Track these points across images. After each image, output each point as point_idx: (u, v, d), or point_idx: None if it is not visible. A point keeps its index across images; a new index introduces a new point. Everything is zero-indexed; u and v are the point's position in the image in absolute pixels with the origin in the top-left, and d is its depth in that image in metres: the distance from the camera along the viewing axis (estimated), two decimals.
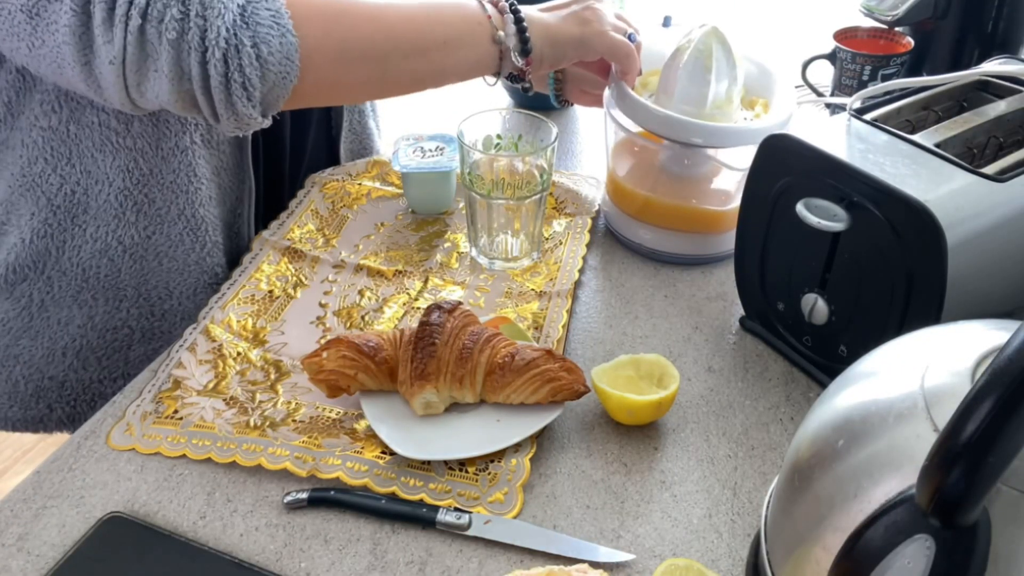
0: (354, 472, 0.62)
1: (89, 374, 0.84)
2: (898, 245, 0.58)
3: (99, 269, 0.79)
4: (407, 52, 0.71)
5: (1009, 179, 0.60)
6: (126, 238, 0.79)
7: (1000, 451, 0.32)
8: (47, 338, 0.82)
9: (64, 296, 0.80)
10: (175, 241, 0.80)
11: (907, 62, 0.98)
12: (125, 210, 0.77)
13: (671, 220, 0.84)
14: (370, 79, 0.72)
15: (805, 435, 0.46)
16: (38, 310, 0.81)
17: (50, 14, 0.60)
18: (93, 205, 0.77)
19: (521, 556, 0.57)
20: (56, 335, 0.82)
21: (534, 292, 0.79)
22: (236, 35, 0.61)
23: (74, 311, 0.81)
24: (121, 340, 0.83)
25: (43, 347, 0.82)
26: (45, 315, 0.81)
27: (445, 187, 0.90)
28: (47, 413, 0.85)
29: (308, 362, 0.66)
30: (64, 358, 0.83)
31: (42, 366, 0.83)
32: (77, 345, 0.82)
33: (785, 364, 0.73)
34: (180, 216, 0.80)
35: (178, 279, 0.82)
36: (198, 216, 0.80)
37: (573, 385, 0.64)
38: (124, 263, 0.80)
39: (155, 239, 0.80)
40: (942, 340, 0.43)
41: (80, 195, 0.76)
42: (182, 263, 0.82)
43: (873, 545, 0.37)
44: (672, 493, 0.62)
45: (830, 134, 0.65)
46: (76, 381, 0.84)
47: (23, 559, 0.57)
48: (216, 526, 0.59)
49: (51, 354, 0.82)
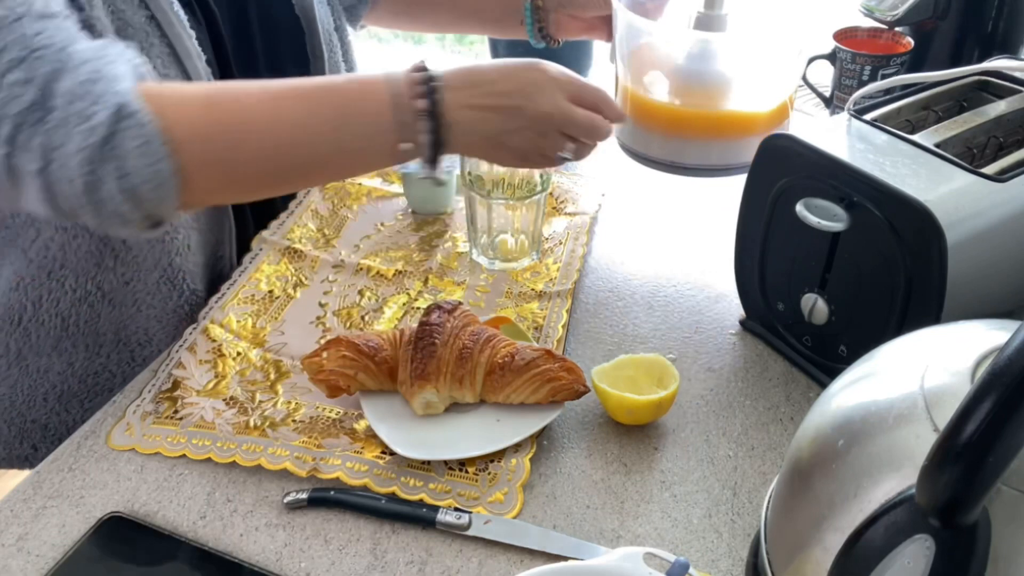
0: (354, 472, 0.62)
1: (72, 416, 0.82)
2: (898, 245, 0.58)
3: (78, 316, 0.78)
4: (306, 163, 0.66)
5: (1009, 179, 0.60)
6: (105, 284, 0.77)
7: (1000, 451, 0.32)
8: (27, 385, 0.80)
9: (43, 345, 0.78)
10: (152, 290, 0.78)
11: (907, 62, 0.98)
12: (104, 257, 0.75)
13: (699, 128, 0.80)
14: (268, 187, 0.69)
15: (805, 435, 0.46)
16: (16, 359, 0.79)
17: None
18: (72, 259, 0.75)
19: (521, 556, 0.57)
20: (36, 382, 0.80)
21: (534, 292, 0.79)
22: (94, 172, 0.57)
23: (53, 359, 0.79)
24: (102, 384, 0.81)
25: (23, 394, 0.80)
26: (24, 364, 0.79)
27: (445, 187, 0.90)
28: (32, 452, 0.84)
29: (308, 362, 0.66)
30: (46, 403, 0.81)
31: (23, 410, 0.81)
32: (58, 391, 0.81)
33: (785, 364, 0.73)
34: (156, 266, 0.77)
35: (156, 326, 0.80)
36: (174, 265, 0.78)
37: (573, 385, 0.64)
38: (103, 309, 0.78)
39: (133, 285, 0.78)
40: (942, 340, 0.43)
41: (55, 250, 0.74)
42: (160, 311, 0.80)
43: (873, 545, 0.37)
44: (672, 493, 0.62)
45: (830, 134, 0.65)
46: (59, 423, 0.82)
47: (23, 559, 0.57)
48: (216, 526, 0.59)
49: (31, 399, 0.81)
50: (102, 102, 0.57)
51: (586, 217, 0.90)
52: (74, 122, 0.57)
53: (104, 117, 0.57)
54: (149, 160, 0.58)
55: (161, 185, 0.59)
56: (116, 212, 0.60)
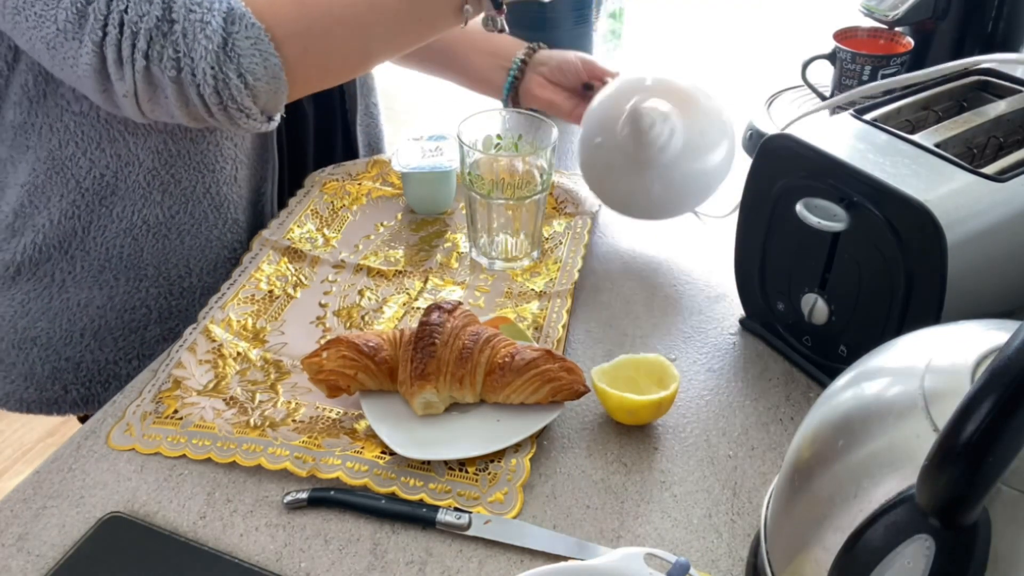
0: (354, 472, 0.62)
1: (105, 355, 0.85)
2: (898, 245, 0.58)
3: (122, 249, 0.81)
4: (385, 39, 0.75)
5: (1009, 179, 0.60)
6: (151, 217, 0.81)
7: (1000, 451, 0.32)
8: (66, 319, 0.83)
9: (85, 276, 0.82)
10: (199, 219, 0.83)
11: (907, 62, 0.98)
12: (152, 190, 0.80)
13: None
14: (355, 67, 0.79)
15: (805, 435, 0.46)
16: (59, 291, 0.82)
17: (67, 51, 0.65)
18: (122, 187, 0.79)
19: (521, 556, 0.57)
20: (75, 316, 0.83)
21: (534, 292, 0.79)
22: (221, 70, 0.66)
23: (94, 292, 0.82)
24: (139, 320, 0.85)
25: (61, 328, 0.83)
26: (65, 296, 0.82)
27: (445, 187, 0.90)
28: (62, 395, 0.86)
29: (308, 362, 0.66)
30: (82, 339, 0.84)
31: (59, 347, 0.84)
32: (95, 325, 0.83)
33: (785, 364, 0.73)
34: (205, 195, 0.82)
35: (199, 256, 0.84)
36: (222, 194, 0.83)
37: (573, 385, 0.64)
38: (147, 242, 0.82)
39: (179, 218, 0.82)
40: (942, 340, 0.43)
41: (109, 178, 0.78)
42: (204, 240, 0.84)
43: (873, 545, 0.37)
44: (672, 493, 0.62)
45: (830, 134, 0.65)
46: (92, 362, 0.85)
47: (23, 559, 0.57)
48: (216, 526, 0.59)
49: (69, 335, 0.83)
50: (214, 9, 0.66)
51: (586, 217, 0.90)
52: (195, 30, 0.65)
53: (219, 23, 0.66)
54: (262, 57, 0.67)
55: (275, 78, 0.69)
56: (241, 107, 0.69)
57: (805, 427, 0.46)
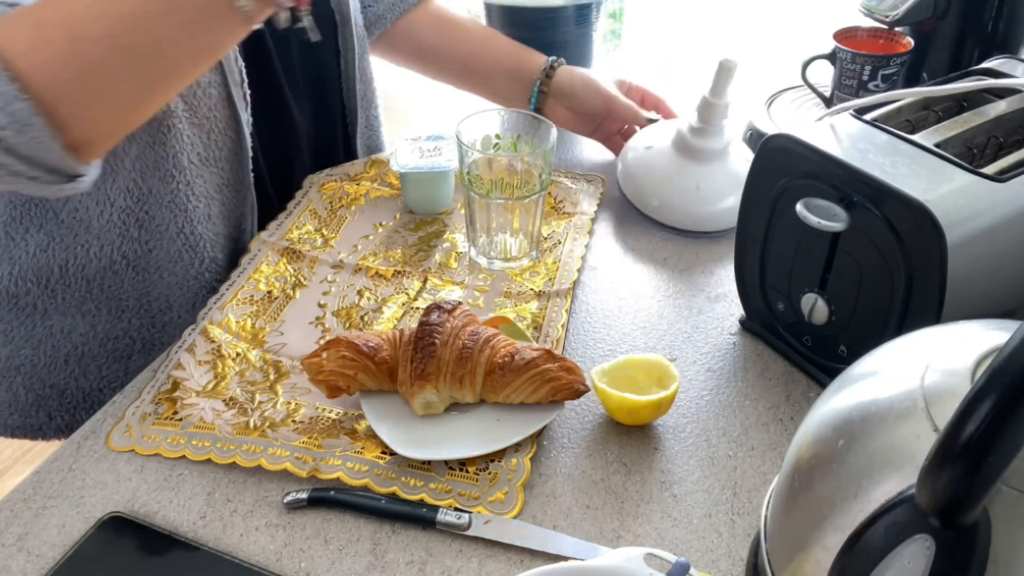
0: (354, 472, 0.62)
1: (89, 382, 0.84)
2: (898, 245, 0.58)
3: (103, 281, 0.80)
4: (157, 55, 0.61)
5: (1009, 179, 0.60)
6: (129, 252, 0.79)
7: (1000, 451, 0.32)
8: (49, 346, 0.82)
9: (68, 306, 0.81)
10: (174, 257, 0.81)
11: (907, 62, 0.98)
12: (128, 227, 0.78)
13: None
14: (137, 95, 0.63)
15: (805, 435, 0.45)
16: (41, 318, 0.81)
17: None
18: (95, 225, 0.77)
19: (521, 556, 0.57)
20: (58, 343, 0.82)
21: (533, 292, 0.79)
22: None
23: (77, 320, 0.81)
24: (122, 349, 0.84)
25: (45, 355, 0.82)
26: (48, 323, 0.81)
27: (444, 187, 0.90)
28: (46, 421, 0.85)
29: (308, 362, 0.66)
30: (66, 366, 0.83)
31: (43, 375, 0.83)
32: (79, 352, 0.83)
33: (785, 364, 0.73)
34: (179, 234, 0.80)
35: (178, 293, 0.83)
36: (196, 233, 0.81)
37: (573, 385, 0.64)
38: (127, 275, 0.80)
39: (156, 254, 0.80)
40: (942, 340, 0.43)
41: (83, 213, 0.76)
42: (181, 278, 0.82)
43: (873, 545, 0.37)
44: (672, 493, 0.62)
45: (830, 134, 0.65)
46: (76, 389, 0.84)
47: (23, 559, 0.57)
48: (216, 526, 0.59)
49: (53, 362, 0.83)
50: None
51: (586, 217, 0.90)
52: None
53: None
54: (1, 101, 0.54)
55: (27, 126, 0.55)
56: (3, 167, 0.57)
57: (805, 427, 0.46)
